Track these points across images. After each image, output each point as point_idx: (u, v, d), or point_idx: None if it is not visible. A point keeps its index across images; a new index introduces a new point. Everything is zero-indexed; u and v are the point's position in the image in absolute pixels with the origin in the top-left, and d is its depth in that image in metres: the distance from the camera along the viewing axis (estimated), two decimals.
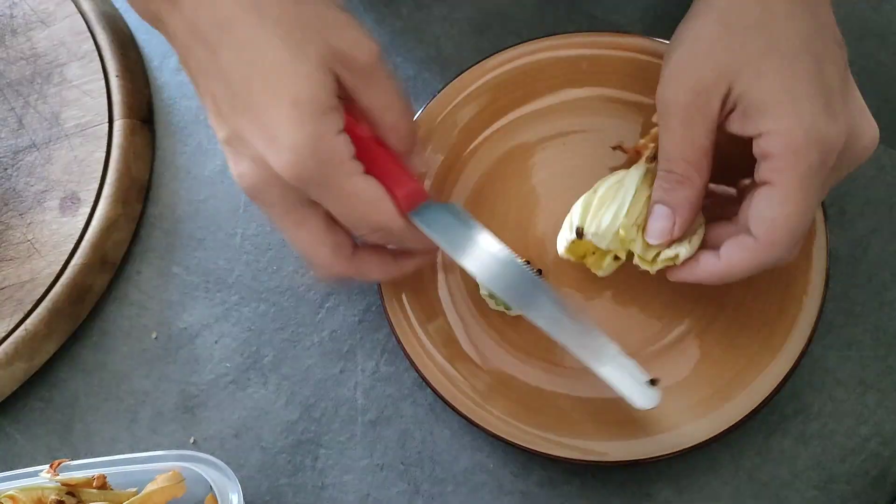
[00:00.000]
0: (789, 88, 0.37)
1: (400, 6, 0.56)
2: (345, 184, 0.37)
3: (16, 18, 0.57)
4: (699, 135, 0.39)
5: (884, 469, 0.45)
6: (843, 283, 0.48)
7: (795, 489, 0.45)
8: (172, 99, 0.56)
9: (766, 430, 0.46)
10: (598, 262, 0.46)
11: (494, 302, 0.47)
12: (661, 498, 0.45)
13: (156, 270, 0.52)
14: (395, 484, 0.47)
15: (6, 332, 0.49)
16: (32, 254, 0.51)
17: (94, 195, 0.52)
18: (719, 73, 0.38)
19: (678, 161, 0.40)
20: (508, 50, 0.50)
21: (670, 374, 0.45)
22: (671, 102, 0.40)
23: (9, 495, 0.41)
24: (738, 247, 0.39)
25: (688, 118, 0.39)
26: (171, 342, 0.51)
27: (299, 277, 0.51)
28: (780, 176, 0.37)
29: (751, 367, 0.44)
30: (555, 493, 0.46)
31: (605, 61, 0.50)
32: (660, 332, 0.46)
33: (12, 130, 0.55)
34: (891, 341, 0.47)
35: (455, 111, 0.50)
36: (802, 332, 0.44)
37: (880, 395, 0.46)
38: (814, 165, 0.36)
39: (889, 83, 0.52)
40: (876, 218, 0.49)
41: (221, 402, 0.49)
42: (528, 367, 0.46)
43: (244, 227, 0.53)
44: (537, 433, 0.44)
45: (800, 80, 0.37)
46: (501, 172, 0.50)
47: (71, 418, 0.50)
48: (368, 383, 0.49)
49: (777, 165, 0.37)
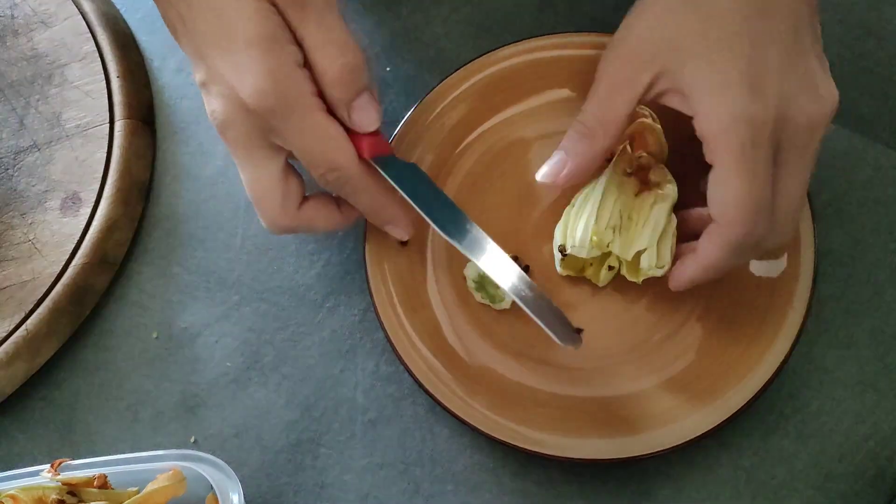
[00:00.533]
0: (718, 71, 0.39)
1: (400, 7, 0.56)
2: (306, 117, 0.39)
3: (17, 19, 0.58)
4: (619, 103, 0.42)
5: (882, 468, 0.45)
6: (842, 282, 0.48)
7: (794, 488, 0.45)
8: (173, 99, 0.57)
9: (764, 430, 0.46)
10: (595, 274, 0.47)
11: (480, 295, 0.47)
12: (661, 497, 0.45)
13: (156, 270, 0.52)
14: (395, 483, 0.47)
15: (7, 331, 0.49)
16: (33, 254, 0.52)
17: (95, 195, 0.52)
18: (654, 52, 0.41)
19: (589, 116, 0.43)
20: (499, 50, 0.50)
21: (666, 370, 0.45)
22: (603, 70, 0.43)
23: (10, 495, 0.41)
24: (708, 236, 0.40)
25: (613, 86, 0.42)
26: (172, 342, 0.51)
27: (299, 277, 0.51)
28: (717, 155, 0.39)
29: (744, 360, 0.44)
30: (554, 493, 0.46)
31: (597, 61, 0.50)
32: (655, 329, 0.46)
33: (13, 131, 0.55)
34: (889, 341, 0.47)
35: (446, 111, 0.50)
36: (794, 322, 0.44)
37: (879, 394, 0.46)
38: (746, 142, 0.38)
39: (888, 83, 0.52)
40: (875, 218, 0.49)
41: (222, 401, 0.49)
42: (520, 365, 0.46)
43: (245, 227, 0.53)
44: (534, 433, 0.44)
45: (729, 62, 0.38)
46: (493, 171, 0.50)
47: (72, 418, 0.50)
48: (368, 383, 0.49)
49: (713, 146, 0.39)
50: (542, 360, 0.46)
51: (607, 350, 0.46)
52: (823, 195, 0.49)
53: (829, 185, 0.50)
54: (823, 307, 0.48)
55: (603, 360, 0.46)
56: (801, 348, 0.47)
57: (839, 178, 0.50)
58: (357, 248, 0.51)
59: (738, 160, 0.38)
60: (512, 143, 0.51)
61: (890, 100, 0.51)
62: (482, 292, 0.47)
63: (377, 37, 0.56)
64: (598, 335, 0.46)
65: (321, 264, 0.51)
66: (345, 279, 0.51)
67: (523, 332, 0.47)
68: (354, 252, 0.51)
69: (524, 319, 0.47)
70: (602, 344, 0.46)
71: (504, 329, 0.47)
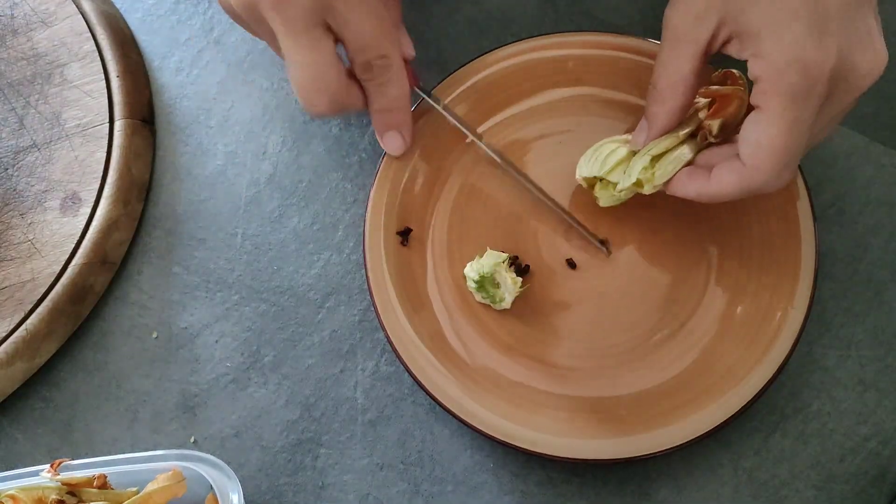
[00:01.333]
0: (777, 13, 0.37)
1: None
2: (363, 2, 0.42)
3: (16, 19, 0.58)
4: (682, 61, 0.41)
5: (883, 468, 0.45)
6: (843, 282, 0.48)
7: (795, 489, 0.45)
8: (173, 99, 0.56)
9: (765, 430, 0.46)
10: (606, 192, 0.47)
11: (481, 295, 0.47)
12: (661, 497, 0.45)
13: (156, 270, 0.52)
14: (395, 483, 0.47)
15: (7, 331, 0.49)
16: (33, 254, 0.51)
17: (94, 195, 0.52)
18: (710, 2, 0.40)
19: (656, 78, 0.43)
20: (499, 50, 0.51)
21: (666, 370, 0.45)
22: (665, 28, 0.42)
23: (9, 495, 0.41)
24: (727, 169, 0.40)
25: (674, 44, 0.42)
26: (172, 342, 0.51)
27: (299, 277, 0.51)
28: (766, 99, 0.38)
29: (744, 360, 0.44)
30: (554, 493, 0.46)
31: (597, 61, 0.50)
32: (655, 329, 0.46)
33: (13, 130, 0.55)
34: (890, 341, 0.47)
35: (446, 111, 0.50)
36: (794, 322, 0.44)
37: (879, 394, 0.46)
38: (797, 87, 0.37)
39: (888, 83, 0.52)
40: (876, 218, 0.49)
41: (222, 401, 0.49)
42: (520, 365, 0.46)
43: (245, 227, 0.53)
44: (534, 433, 0.44)
45: (789, 4, 0.37)
46: (493, 170, 0.50)
47: (71, 418, 0.50)
48: (368, 383, 0.49)
49: (762, 88, 0.38)
50: (543, 360, 0.46)
51: (607, 350, 0.46)
52: (824, 195, 0.49)
53: (831, 185, 0.50)
54: (823, 307, 0.47)
55: (603, 360, 0.46)
56: (801, 348, 0.47)
57: (840, 178, 0.50)
58: (357, 248, 0.51)
59: (784, 107, 0.37)
60: (511, 143, 0.50)
61: (890, 100, 0.51)
62: (482, 292, 0.47)
63: None
64: (599, 335, 0.46)
65: (321, 264, 0.51)
66: (345, 279, 0.51)
67: (523, 332, 0.47)
68: (354, 252, 0.51)
69: (524, 319, 0.47)
70: (602, 344, 0.46)
71: (504, 329, 0.47)
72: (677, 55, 0.41)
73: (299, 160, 0.54)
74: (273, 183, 0.53)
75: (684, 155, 0.43)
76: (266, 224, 0.53)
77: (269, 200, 0.53)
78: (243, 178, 0.54)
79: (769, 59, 0.37)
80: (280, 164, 0.54)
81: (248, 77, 0.56)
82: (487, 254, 0.46)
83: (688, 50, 0.41)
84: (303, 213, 0.53)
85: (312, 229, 0.52)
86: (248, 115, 0.55)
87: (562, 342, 0.46)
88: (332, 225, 0.52)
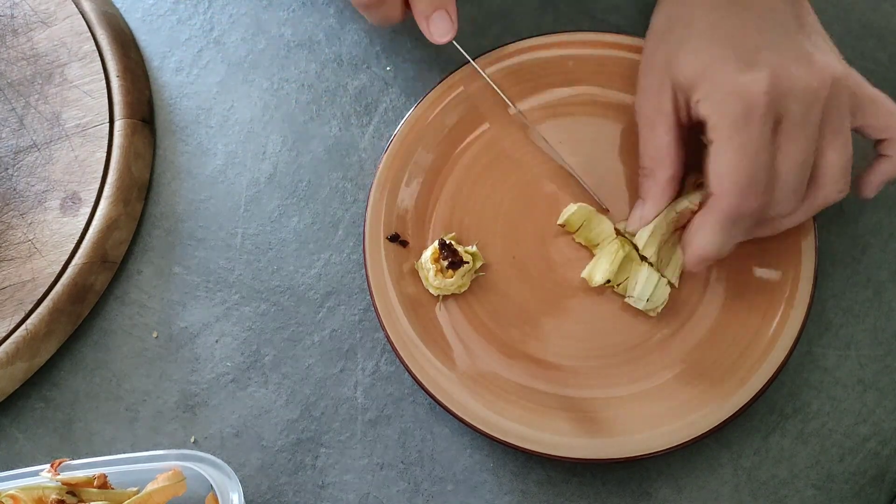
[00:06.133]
0: (707, 61, 0.41)
1: None
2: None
3: (16, 19, 0.58)
4: (658, 133, 0.44)
5: (882, 468, 0.45)
6: (842, 282, 0.48)
7: (794, 488, 0.45)
8: (173, 99, 0.56)
9: (765, 430, 0.46)
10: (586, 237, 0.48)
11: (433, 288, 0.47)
12: (660, 497, 0.45)
13: (156, 270, 0.52)
14: (396, 483, 0.47)
15: (7, 331, 0.49)
16: (33, 253, 0.51)
17: (94, 195, 0.52)
18: (662, 73, 0.44)
19: (644, 158, 0.46)
20: (499, 49, 0.51)
21: (666, 370, 0.45)
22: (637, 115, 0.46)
23: (10, 495, 0.41)
24: (704, 208, 0.42)
25: (648, 121, 0.45)
26: (172, 341, 0.51)
27: (299, 277, 0.51)
28: (715, 132, 0.40)
29: (744, 360, 0.44)
30: (554, 492, 0.46)
31: (597, 61, 0.51)
32: (655, 329, 0.46)
33: (13, 130, 0.55)
34: (889, 341, 0.47)
35: (446, 111, 0.50)
36: (794, 322, 0.44)
37: (879, 394, 0.46)
38: (737, 114, 0.39)
39: (888, 83, 0.52)
40: (875, 218, 0.49)
41: (222, 401, 0.49)
42: (520, 365, 0.46)
43: (245, 226, 0.53)
44: (534, 433, 0.44)
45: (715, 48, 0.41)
46: (493, 170, 0.50)
47: (71, 418, 0.50)
48: (368, 382, 0.49)
49: (711, 125, 0.41)
50: (542, 359, 0.46)
51: (607, 350, 0.46)
52: None
53: None
54: (823, 307, 0.48)
55: (603, 360, 0.46)
56: (801, 348, 0.47)
57: None
58: (357, 248, 0.51)
59: (731, 134, 0.39)
60: (512, 142, 0.51)
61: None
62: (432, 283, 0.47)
63: (377, 37, 0.56)
64: (598, 335, 0.46)
65: (321, 264, 0.51)
66: (345, 279, 0.51)
67: (523, 332, 0.47)
68: (354, 252, 0.51)
69: (524, 319, 0.47)
70: (602, 344, 0.46)
71: (504, 329, 0.47)
72: (654, 133, 0.45)
73: (299, 160, 0.54)
74: (273, 183, 0.53)
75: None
76: (266, 224, 0.53)
77: (269, 200, 0.53)
78: (243, 178, 0.54)
79: (711, 99, 0.41)
80: (280, 164, 0.54)
81: (248, 77, 0.56)
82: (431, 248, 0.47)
83: (662, 124, 0.44)
84: (303, 212, 0.53)
85: (312, 229, 0.52)
86: (248, 115, 0.55)
87: (562, 342, 0.47)
88: (332, 225, 0.52)
